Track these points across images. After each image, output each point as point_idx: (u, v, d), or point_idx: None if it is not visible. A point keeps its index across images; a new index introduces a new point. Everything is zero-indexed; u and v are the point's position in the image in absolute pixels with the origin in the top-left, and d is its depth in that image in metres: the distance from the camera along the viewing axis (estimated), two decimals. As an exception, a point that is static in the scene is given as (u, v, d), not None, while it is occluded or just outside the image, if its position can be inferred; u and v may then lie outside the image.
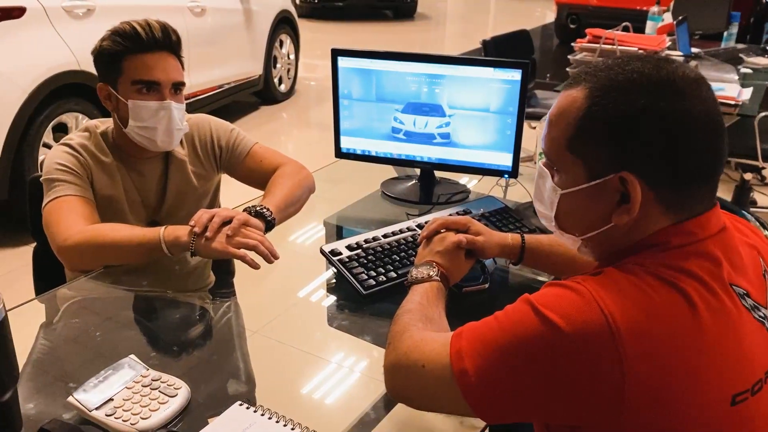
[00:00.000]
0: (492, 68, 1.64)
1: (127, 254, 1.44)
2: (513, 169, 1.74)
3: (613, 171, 0.84)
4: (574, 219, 0.93)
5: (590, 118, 0.85)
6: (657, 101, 0.82)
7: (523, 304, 0.85)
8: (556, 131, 0.89)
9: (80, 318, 1.34)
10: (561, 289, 0.84)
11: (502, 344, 0.83)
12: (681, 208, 0.86)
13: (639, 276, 0.82)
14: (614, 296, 0.80)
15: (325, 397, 1.13)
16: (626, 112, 0.83)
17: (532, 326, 0.81)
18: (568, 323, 0.78)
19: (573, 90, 0.89)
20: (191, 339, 1.26)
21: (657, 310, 0.79)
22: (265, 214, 1.49)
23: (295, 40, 6.26)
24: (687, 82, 0.84)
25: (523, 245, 1.31)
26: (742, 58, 3.96)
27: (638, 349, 0.76)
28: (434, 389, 0.90)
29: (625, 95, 0.83)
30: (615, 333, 0.77)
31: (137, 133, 1.54)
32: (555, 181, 0.92)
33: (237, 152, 1.73)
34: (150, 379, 1.06)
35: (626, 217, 0.86)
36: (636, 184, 0.83)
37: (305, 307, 1.41)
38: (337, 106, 1.80)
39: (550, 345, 0.79)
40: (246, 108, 5.86)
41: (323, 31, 9.91)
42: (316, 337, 1.32)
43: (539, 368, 0.80)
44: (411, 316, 1.04)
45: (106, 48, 1.52)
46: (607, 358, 0.76)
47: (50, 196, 1.51)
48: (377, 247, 1.42)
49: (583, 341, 0.78)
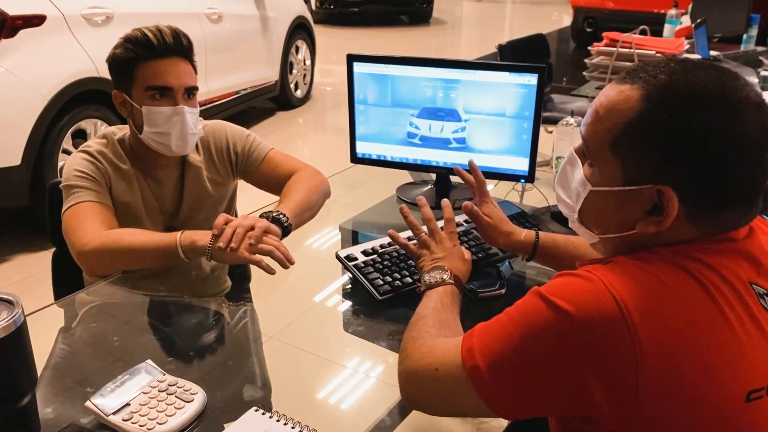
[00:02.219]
0: (508, 72, 1.64)
1: (144, 259, 1.45)
2: (529, 174, 1.73)
3: (652, 182, 0.81)
4: (598, 218, 0.91)
5: (642, 123, 0.81)
6: (716, 121, 0.78)
7: (532, 296, 0.84)
8: (602, 126, 0.85)
9: (98, 323, 1.35)
10: (570, 278, 0.82)
11: (513, 336, 0.82)
12: (712, 227, 0.83)
13: (650, 263, 0.81)
14: (625, 282, 0.78)
15: (340, 403, 1.13)
16: (679, 124, 0.79)
17: (542, 315, 0.80)
18: (579, 309, 0.77)
19: (627, 87, 0.83)
20: (207, 344, 1.27)
21: (670, 294, 0.77)
22: (281, 220, 1.49)
23: (311, 45, 6.29)
24: (749, 106, 0.79)
25: (537, 242, 1.30)
26: (762, 60, 3.91)
27: (652, 334, 0.75)
28: (449, 391, 0.89)
29: (684, 107, 0.79)
30: (627, 318, 0.75)
31: (152, 138, 1.55)
32: (586, 175, 0.89)
33: (253, 158, 1.74)
34: (167, 384, 1.06)
35: (653, 229, 0.83)
36: (674, 200, 0.80)
37: (321, 312, 1.41)
38: (352, 112, 1.80)
39: (562, 332, 0.77)
40: (262, 114, 5.89)
41: (340, 36, 9.94)
42: (331, 342, 1.31)
43: (551, 357, 0.78)
44: (425, 322, 1.04)
45: (118, 55, 1.53)
46: (621, 344, 0.75)
47: (69, 202, 1.52)
48: (393, 253, 1.42)
49: (595, 327, 0.76)
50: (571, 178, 0.94)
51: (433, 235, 1.24)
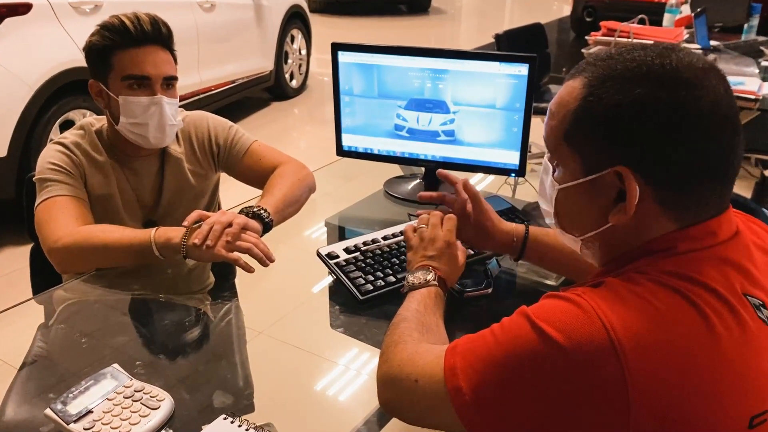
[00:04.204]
0: (498, 63, 1.57)
1: (117, 257, 1.39)
2: (520, 168, 1.67)
3: (609, 165, 0.79)
4: (572, 217, 0.88)
5: (586, 109, 0.80)
6: (655, 91, 0.76)
7: (519, 317, 0.79)
8: (555, 122, 0.84)
9: (70, 323, 1.30)
10: (559, 302, 0.78)
11: (498, 360, 0.77)
12: (685, 210, 0.79)
13: (641, 284, 0.76)
14: (616, 308, 0.73)
15: (327, 400, 1.10)
16: (621, 103, 0.77)
17: (528, 342, 0.75)
18: (567, 338, 0.72)
19: (573, 80, 0.83)
20: (183, 345, 1.22)
21: (664, 321, 0.73)
22: (262, 216, 1.44)
23: (307, 35, 6.21)
24: (693, 72, 0.77)
25: (526, 237, 1.26)
26: (763, 51, 3.84)
27: (644, 365, 0.70)
28: (427, 405, 0.85)
29: (622, 84, 0.77)
30: (618, 348, 0.70)
31: (128, 129, 1.49)
32: (554, 176, 0.87)
33: (235, 150, 1.68)
34: (132, 390, 1.01)
35: (623, 216, 0.80)
36: (632, 178, 0.77)
37: (307, 309, 1.37)
38: (338, 103, 1.74)
39: (548, 362, 0.73)
40: (257, 104, 5.82)
41: (337, 26, 9.85)
42: (317, 338, 1.27)
43: (537, 386, 0.74)
44: (407, 326, 0.99)
45: (94, 43, 1.47)
46: (611, 376, 0.70)
47: (42, 196, 1.47)
48: (376, 250, 1.37)
49: (584, 358, 0.71)
50: (545, 185, 0.92)
51: (433, 229, 1.20)
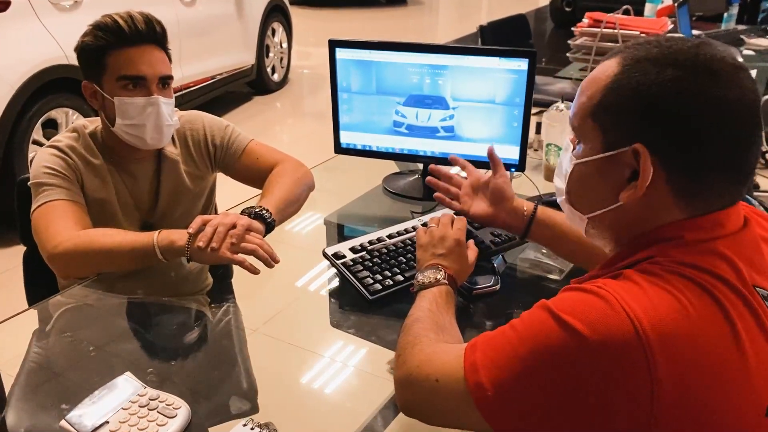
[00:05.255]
0: (498, 58, 1.57)
1: (119, 261, 1.37)
2: (520, 162, 1.67)
3: (629, 143, 0.79)
4: (583, 192, 0.89)
5: (617, 86, 0.81)
6: (685, 76, 0.76)
7: (540, 311, 0.79)
8: (584, 98, 0.85)
9: (73, 329, 1.27)
10: (582, 294, 0.78)
11: (521, 355, 0.77)
12: (695, 200, 0.80)
13: (659, 275, 0.76)
14: (640, 300, 0.74)
15: (330, 399, 1.09)
16: (652, 83, 0.77)
17: (552, 334, 0.75)
18: (593, 330, 0.72)
19: (609, 60, 0.84)
20: (190, 350, 1.21)
21: (685, 310, 0.73)
22: (264, 216, 1.42)
23: (288, 28, 6.16)
24: (725, 66, 0.77)
25: (533, 216, 1.27)
26: (744, 39, 3.89)
27: (668, 356, 0.71)
28: (448, 404, 0.85)
29: (656, 67, 0.78)
30: (643, 339, 0.70)
31: (125, 131, 1.47)
32: (574, 152, 0.88)
33: (232, 150, 1.66)
34: (147, 398, 1.00)
35: (634, 195, 0.80)
36: (647, 157, 0.78)
37: (306, 307, 1.36)
38: (335, 100, 1.73)
39: (574, 354, 0.73)
40: (239, 99, 5.77)
41: (315, 17, 9.78)
42: (318, 336, 1.26)
43: (562, 379, 0.74)
44: (421, 326, 0.99)
45: (88, 44, 1.44)
46: (637, 367, 0.70)
47: (39, 201, 1.44)
48: (382, 249, 1.36)
49: (610, 349, 0.71)
50: (563, 162, 0.93)
51: (443, 228, 1.20)
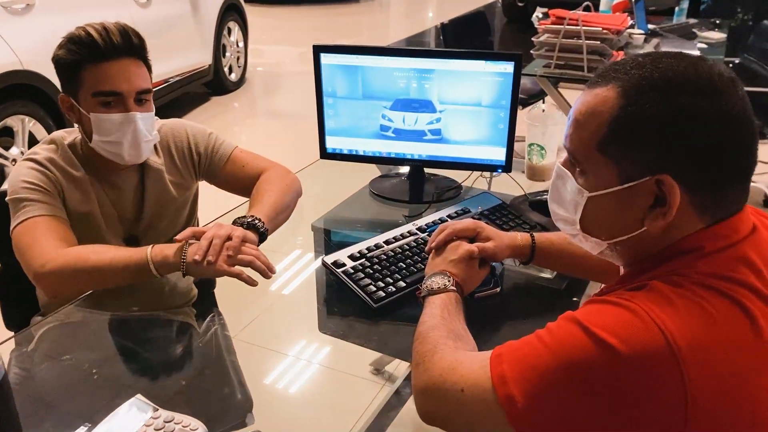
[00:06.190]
0: (484, 61, 1.58)
1: (112, 278, 1.32)
2: (506, 164, 1.69)
3: (649, 173, 0.80)
4: (602, 223, 0.89)
5: (625, 118, 0.80)
6: (697, 101, 0.78)
7: (569, 324, 0.79)
8: (585, 132, 0.84)
9: (61, 351, 1.22)
10: (610, 307, 0.79)
11: (552, 368, 0.78)
12: (716, 211, 0.82)
13: (689, 288, 0.78)
14: (669, 312, 0.75)
15: (323, 405, 1.10)
16: (665, 113, 0.78)
17: (585, 349, 0.76)
18: (626, 345, 0.73)
19: (601, 89, 0.83)
20: (185, 364, 1.19)
21: (715, 323, 0.75)
22: (257, 225, 1.40)
23: (243, 27, 6.08)
24: (725, 82, 0.80)
25: (534, 245, 1.28)
26: (696, 33, 4.00)
27: (700, 367, 0.72)
28: (474, 414, 0.85)
29: (663, 95, 0.78)
30: (676, 351, 0.72)
31: (102, 147, 1.42)
32: (581, 183, 0.88)
33: (217, 158, 1.63)
34: (162, 421, 0.97)
35: (661, 221, 0.81)
36: (675, 187, 0.79)
37: (297, 314, 1.35)
38: (321, 106, 1.71)
39: (608, 369, 0.74)
40: (196, 100, 5.66)
41: (267, 15, 9.65)
42: (307, 342, 1.26)
43: (595, 393, 0.75)
44: (438, 333, 0.99)
45: (62, 57, 1.38)
46: (670, 379, 0.72)
47: (19, 218, 1.38)
48: (381, 255, 1.36)
49: (644, 364, 0.73)
50: (564, 192, 0.92)
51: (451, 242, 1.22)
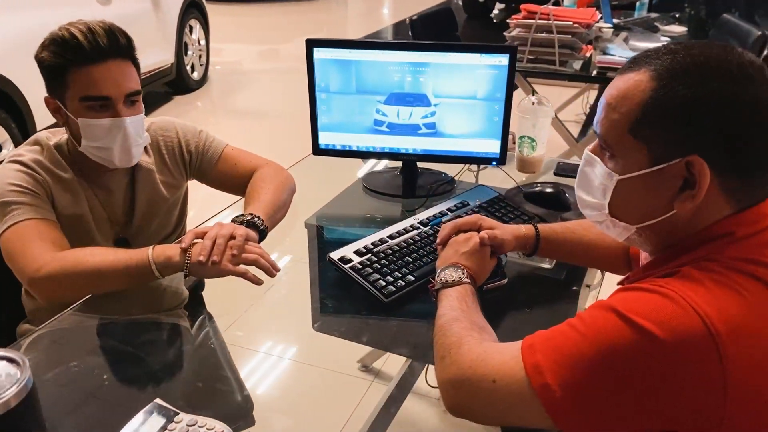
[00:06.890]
0: (479, 54, 1.58)
1: (112, 281, 1.28)
2: (501, 156, 1.69)
3: (680, 155, 0.81)
4: (631, 206, 0.90)
5: (658, 101, 0.82)
6: (728, 85, 0.79)
7: (605, 312, 0.80)
8: (618, 115, 0.85)
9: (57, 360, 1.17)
10: (645, 294, 0.79)
11: (589, 356, 0.78)
12: (744, 196, 0.84)
13: (722, 273, 0.79)
14: (705, 297, 0.76)
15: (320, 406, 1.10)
16: (697, 96, 0.80)
17: (623, 335, 0.76)
18: (666, 331, 0.74)
19: (634, 73, 0.85)
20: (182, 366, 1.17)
21: (750, 305, 0.76)
22: (257, 224, 1.38)
23: (205, 24, 5.97)
24: (755, 68, 0.81)
25: (538, 236, 1.28)
26: (658, 27, 4.09)
27: (739, 351, 0.73)
28: (507, 404, 0.85)
29: (695, 78, 0.80)
30: (715, 336, 0.73)
31: (92, 152, 1.38)
32: (610, 167, 0.89)
33: (208, 156, 1.60)
34: (185, 425, 0.94)
35: (690, 204, 0.83)
36: (705, 168, 0.80)
37: (292, 313, 1.34)
38: (314, 101, 1.68)
39: (648, 355, 0.75)
40: (158, 99, 5.54)
41: (226, 13, 9.48)
42: (302, 343, 1.25)
43: (635, 380, 0.75)
44: (462, 325, 0.99)
45: (45, 60, 1.32)
46: (709, 363, 0.73)
47: (7, 222, 1.32)
48: (387, 250, 1.35)
49: (683, 348, 0.74)
50: (593, 177, 0.93)
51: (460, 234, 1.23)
